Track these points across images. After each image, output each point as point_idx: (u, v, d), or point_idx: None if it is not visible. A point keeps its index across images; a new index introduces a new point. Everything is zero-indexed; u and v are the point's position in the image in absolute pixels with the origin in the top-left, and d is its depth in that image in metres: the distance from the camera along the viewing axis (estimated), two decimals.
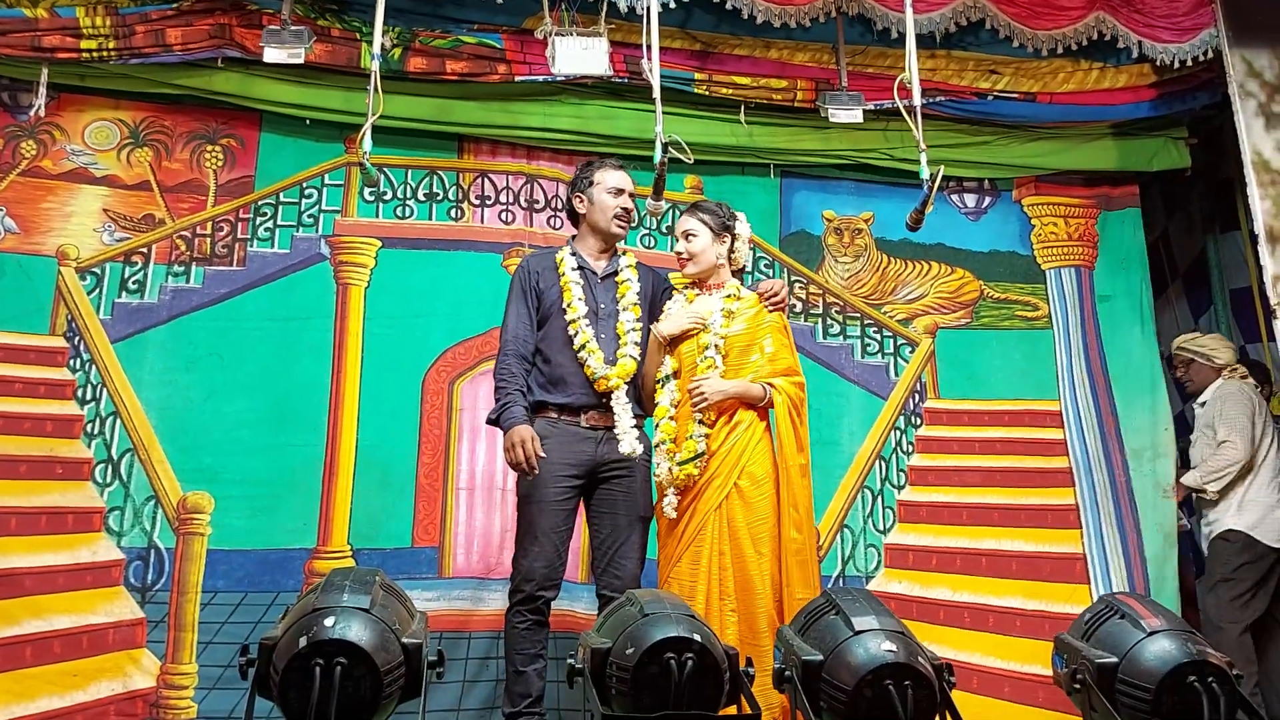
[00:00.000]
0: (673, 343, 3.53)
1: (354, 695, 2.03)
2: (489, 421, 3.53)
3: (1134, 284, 5.23)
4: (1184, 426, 5.23)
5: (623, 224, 3.66)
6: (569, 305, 3.55)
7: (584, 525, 3.64)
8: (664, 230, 4.90)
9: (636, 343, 3.56)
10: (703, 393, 3.36)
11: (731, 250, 3.61)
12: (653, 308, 3.69)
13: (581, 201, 3.68)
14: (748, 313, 3.51)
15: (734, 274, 3.63)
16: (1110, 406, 5.05)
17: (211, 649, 4.09)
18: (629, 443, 3.46)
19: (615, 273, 3.67)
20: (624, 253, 3.75)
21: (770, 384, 3.42)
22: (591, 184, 3.66)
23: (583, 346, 3.49)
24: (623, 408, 3.50)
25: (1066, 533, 4.88)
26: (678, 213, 4.54)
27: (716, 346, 3.44)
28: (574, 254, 3.65)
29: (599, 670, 2.21)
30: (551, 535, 3.41)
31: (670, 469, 3.39)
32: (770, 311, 3.53)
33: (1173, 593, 4.74)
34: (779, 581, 3.31)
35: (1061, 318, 5.16)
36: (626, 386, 3.51)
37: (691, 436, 3.38)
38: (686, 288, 3.66)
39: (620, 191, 3.64)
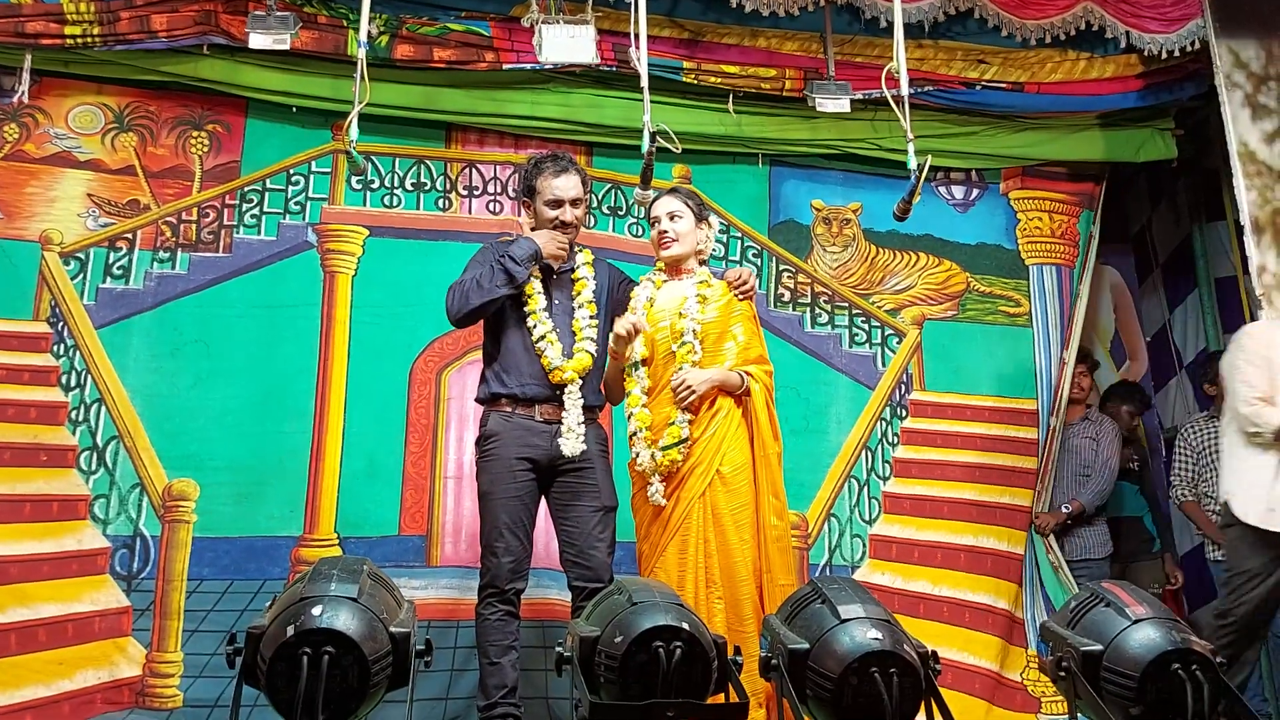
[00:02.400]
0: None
1: (341, 684, 2.03)
2: (507, 273, 3.44)
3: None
4: None
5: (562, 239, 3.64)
6: (529, 297, 3.55)
7: None
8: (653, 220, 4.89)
9: (592, 339, 3.56)
10: (690, 387, 3.35)
11: (704, 239, 3.64)
12: (610, 302, 3.70)
13: (528, 207, 3.70)
14: (719, 300, 3.50)
15: (700, 264, 3.65)
16: None
17: (197, 637, 4.07)
18: (571, 444, 3.45)
19: (572, 269, 3.67)
20: (581, 249, 3.75)
21: (747, 373, 3.42)
22: (534, 192, 3.65)
23: (542, 338, 3.50)
24: (573, 403, 3.49)
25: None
26: None
27: (694, 332, 3.43)
28: None
29: (587, 658, 2.22)
30: (515, 529, 3.41)
31: (653, 455, 3.38)
32: (739, 300, 3.53)
33: None
34: (759, 567, 3.32)
35: (1041, 316, 5.18)
36: (580, 382, 3.51)
37: (674, 422, 3.37)
38: (656, 273, 3.66)
39: (558, 203, 3.61)
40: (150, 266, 4.44)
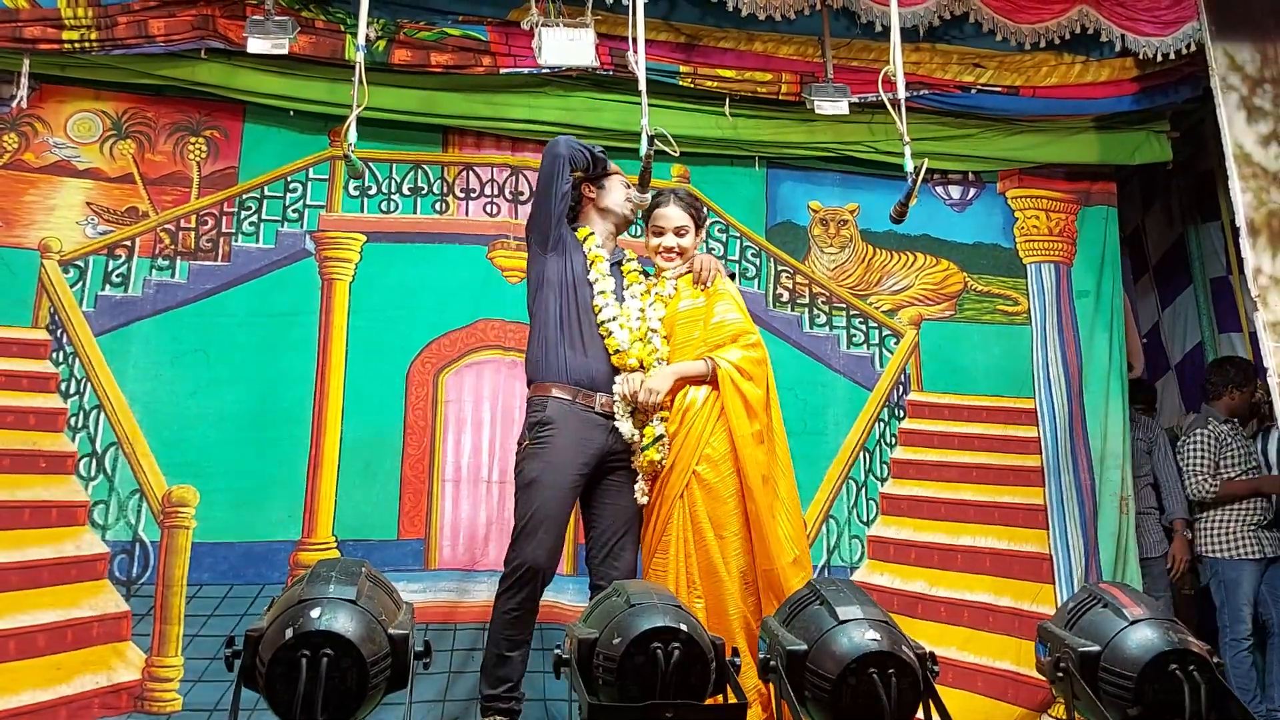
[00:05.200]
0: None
1: (340, 686, 2.03)
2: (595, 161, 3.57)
3: (1107, 285, 5.25)
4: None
5: (632, 214, 3.73)
6: (599, 277, 3.57)
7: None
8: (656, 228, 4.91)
9: (655, 329, 3.57)
10: (651, 390, 3.36)
11: (698, 237, 3.69)
12: None
13: (592, 189, 3.71)
14: (686, 291, 3.56)
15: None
16: (1080, 408, 5.08)
17: (197, 642, 4.08)
18: (628, 427, 3.44)
19: (620, 261, 3.70)
20: (623, 250, 3.79)
21: (710, 358, 3.41)
22: (607, 175, 3.71)
23: (613, 318, 3.51)
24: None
25: (1036, 532, 4.92)
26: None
27: (654, 331, 3.50)
28: (593, 233, 3.68)
29: (586, 660, 2.22)
30: (560, 522, 3.37)
31: (638, 455, 3.43)
32: (702, 288, 3.55)
33: None
34: (748, 564, 3.31)
35: (1040, 314, 5.18)
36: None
37: (650, 423, 3.41)
38: (645, 278, 3.70)
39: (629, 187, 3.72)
40: (149, 274, 4.44)
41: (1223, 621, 4.93)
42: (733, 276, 3.76)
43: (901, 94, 3.79)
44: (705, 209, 3.68)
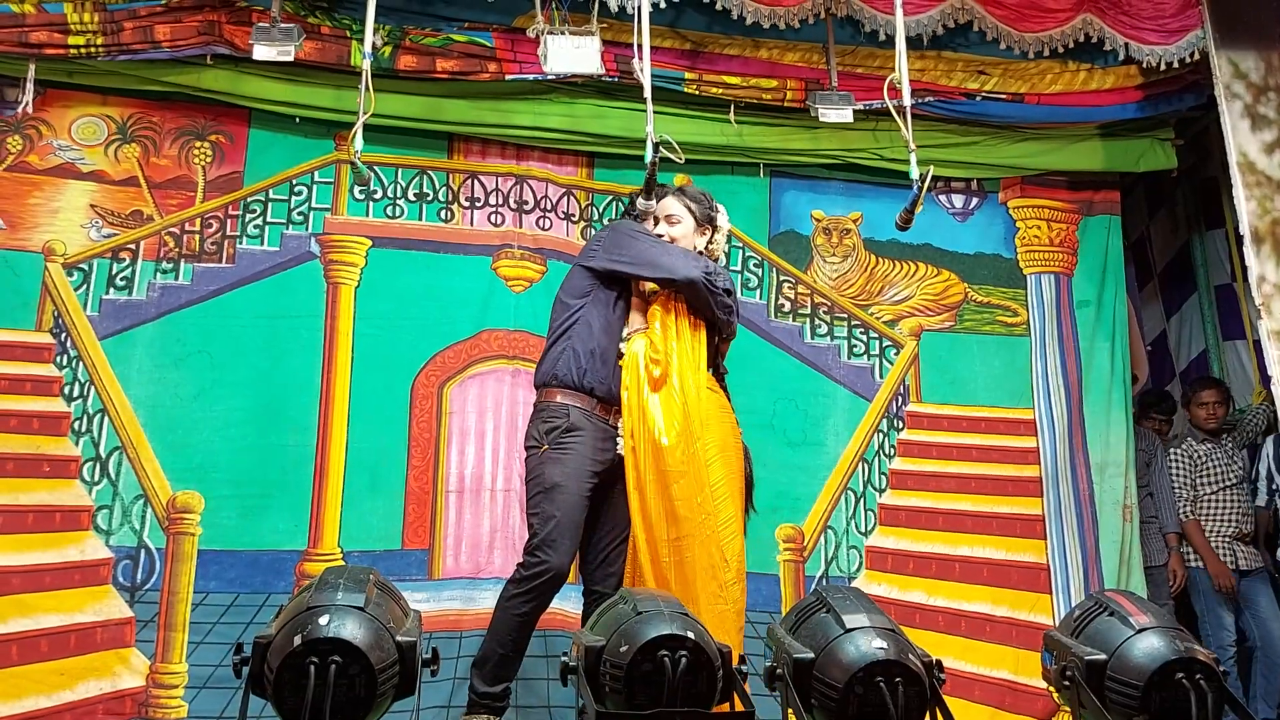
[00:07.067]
0: None
1: (349, 693, 2.03)
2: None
3: (1109, 294, 5.26)
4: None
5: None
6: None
7: None
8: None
9: None
10: None
11: (710, 242, 3.63)
12: None
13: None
14: None
15: None
16: (1080, 418, 5.08)
17: (202, 649, 4.07)
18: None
19: None
20: None
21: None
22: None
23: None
24: None
25: (1034, 542, 4.92)
26: None
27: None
28: None
29: (593, 668, 2.22)
30: (580, 528, 3.36)
31: None
32: None
33: None
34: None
35: (1039, 325, 5.18)
36: None
37: None
38: None
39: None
40: (153, 277, 4.45)
41: (1204, 631, 4.96)
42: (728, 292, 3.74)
43: (907, 101, 3.78)
44: (713, 209, 3.63)
